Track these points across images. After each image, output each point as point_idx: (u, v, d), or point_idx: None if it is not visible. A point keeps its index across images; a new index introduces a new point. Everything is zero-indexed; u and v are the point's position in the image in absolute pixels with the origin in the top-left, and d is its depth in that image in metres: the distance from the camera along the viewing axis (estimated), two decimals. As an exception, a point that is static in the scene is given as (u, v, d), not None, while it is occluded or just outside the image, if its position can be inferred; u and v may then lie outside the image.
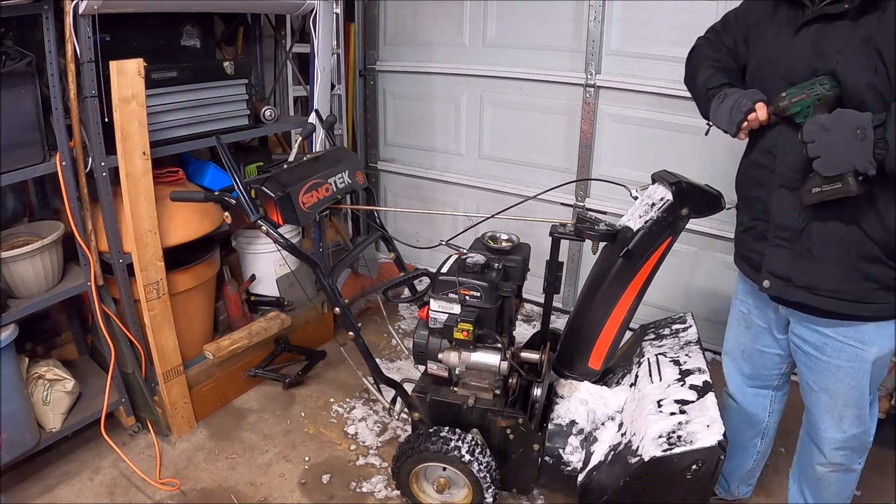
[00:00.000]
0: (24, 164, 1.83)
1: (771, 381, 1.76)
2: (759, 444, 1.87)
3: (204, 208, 2.29)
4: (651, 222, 1.67)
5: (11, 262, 1.88)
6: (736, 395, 1.83)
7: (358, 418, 2.44)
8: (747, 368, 1.77)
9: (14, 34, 1.94)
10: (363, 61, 3.45)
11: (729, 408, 1.85)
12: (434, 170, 3.44)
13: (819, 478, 1.68)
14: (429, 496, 1.96)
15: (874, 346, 1.43)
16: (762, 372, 1.75)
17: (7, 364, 1.87)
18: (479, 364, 1.79)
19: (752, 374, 1.77)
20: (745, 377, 1.79)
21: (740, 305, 1.74)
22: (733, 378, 1.83)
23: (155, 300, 2.14)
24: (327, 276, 1.83)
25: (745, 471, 1.93)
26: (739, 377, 1.81)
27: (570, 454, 1.81)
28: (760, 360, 1.73)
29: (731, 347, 1.81)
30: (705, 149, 2.62)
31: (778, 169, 1.40)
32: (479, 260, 1.81)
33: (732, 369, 1.82)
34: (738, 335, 1.77)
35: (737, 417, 1.84)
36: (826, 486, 1.69)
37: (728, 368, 1.84)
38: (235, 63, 2.35)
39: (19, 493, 2.05)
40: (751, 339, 1.72)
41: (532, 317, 3.26)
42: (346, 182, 1.97)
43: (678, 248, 2.08)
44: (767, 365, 1.73)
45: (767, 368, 1.74)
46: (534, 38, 2.89)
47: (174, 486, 2.08)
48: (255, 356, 2.61)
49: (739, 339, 1.76)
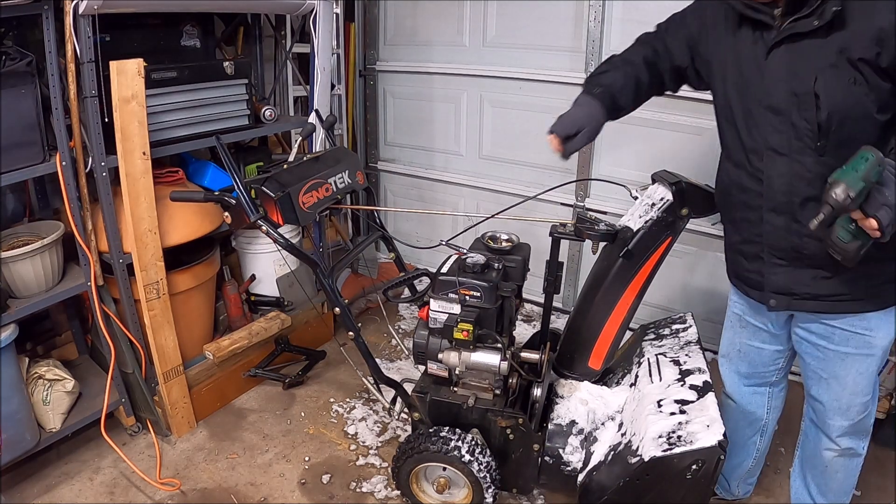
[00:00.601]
0: (24, 164, 1.83)
1: (768, 378, 1.77)
2: (759, 441, 1.87)
3: (204, 208, 2.29)
4: (651, 222, 1.68)
5: (11, 262, 1.88)
6: (734, 394, 1.83)
7: (358, 418, 2.44)
8: (744, 367, 1.77)
9: (14, 34, 1.94)
10: (363, 61, 3.45)
11: (727, 408, 1.85)
12: (434, 170, 3.44)
13: (826, 465, 1.68)
14: (429, 496, 1.96)
15: (881, 331, 1.45)
16: (759, 369, 1.75)
17: (7, 364, 1.87)
18: (479, 364, 1.79)
19: (749, 372, 1.77)
20: (741, 376, 1.79)
21: (734, 307, 1.74)
22: (730, 378, 1.83)
23: (155, 300, 2.14)
24: (327, 276, 1.83)
25: (746, 469, 1.93)
26: (736, 377, 1.81)
27: (570, 454, 1.80)
28: (758, 357, 1.73)
29: (727, 348, 1.81)
30: (705, 149, 2.62)
31: (767, 194, 1.38)
32: (479, 260, 1.81)
33: (729, 369, 1.82)
34: (734, 336, 1.76)
35: (735, 416, 1.84)
36: (833, 474, 1.69)
37: (724, 368, 1.84)
38: (235, 63, 2.35)
39: (19, 493, 2.05)
40: (746, 337, 1.72)
41: (532, 317, 3.26)
42: (346, 182, 1.97)
43: (678, 248, 2.08)
44: (765, 361, 1.73)
45: (765, 365, 1.74)
46: (534, 38, 2.89)
47: (174, 486, 2.08)
48: (255, 356, 2.61)
49: (735, 339, 1.76)
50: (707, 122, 2.58)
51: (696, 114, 2.59)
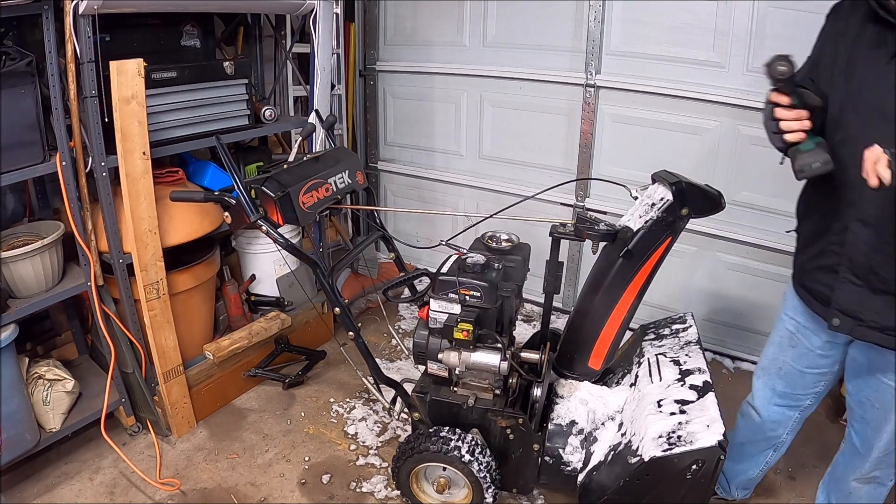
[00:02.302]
0: (24, 164, 1.83)
1: (802, 402, 1.70)
2: (770, 455, 1.84)
3: (204, 208, 2.29)
4: (651, 222, 1.67)
5: (11, 262, 1.87)
6: (761, 409, 1.77)
7: (358, 418, 2.44)
8: (781, 386, 1.70)
9: (14, 34, 1.95)
10: (363, 61, 3.45)
11: (748, 417, 1.80)
12: (434, 170, 3.44)
13: (851, 491, 1.66)
14: (429, 496, 1.96)
15: None
16: (797, 391, 1.68)
17: (7, 364, 1.87)
18: (479, 364, 1.79)
19: (784, 392, 1.70)
20: (775, 394, 1.72)
21: (787, 323, 1.63)
22: (762, 393, 1.76)
23: (155, 300, 2.14)
24: (327, 276, 1.83)
25: (749, 478, 1.91)
26: (770, 393, 1.73)
27: (570, 454, 1.80)
28: (799, 379, 1.65)
29: (768, 364, 1.73)
30: (705, 149, 2.63)
31: (857, 202, 1.30)
32: (479, 260, 1.81)
33: (764, 384, 1.75)
34: (778, 353, 1.68)
35: (754, 429, 1.79)
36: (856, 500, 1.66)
37: (760, 382, 1.77)
38: (235, 63, 2.35)
39: (19, 493, 2.05)
40: (792, 358, 1.64)
41: (532, 317, 3.26)
42: (346, 182, 1.98)
43: (678, 248, 2.08)
44: (805, 384, 1.66)
45: (804, 388, 1.66)
46: (534, 38, 2.89)
47: (174, 486, 2.08)
48: (255, 356, 2.61)
49: (779, 357, 1.68)
50: (707, 122, 2.59)
51: (696, 114, 2.59)
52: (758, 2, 2.34)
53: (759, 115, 2.41)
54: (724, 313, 2.82)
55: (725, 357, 2.88)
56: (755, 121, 2.47)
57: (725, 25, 2.43)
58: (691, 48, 2.53)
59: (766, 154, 2.48)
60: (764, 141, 2.50)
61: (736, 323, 2.81)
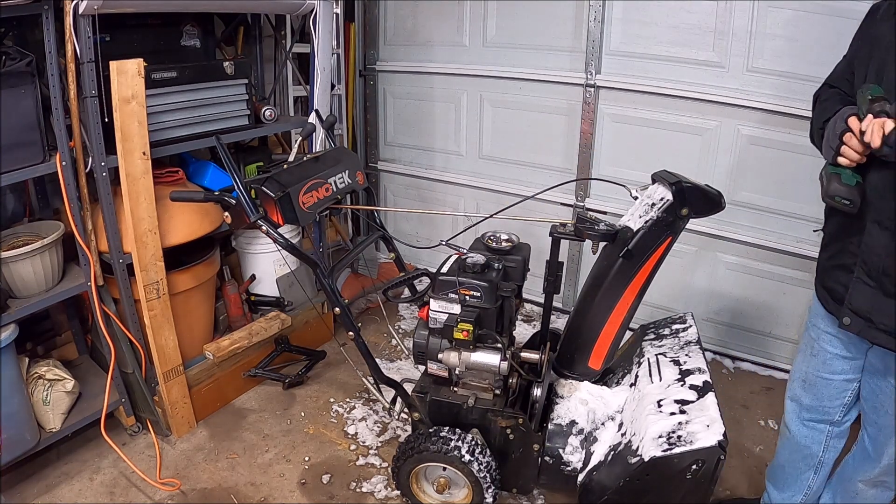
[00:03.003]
0: (24, 164, 1.83)
1: (831, 415, 1.65)
2: (812, 478, 1.77)
3: (204, 208, 2.29)
4: (651, 222, 1.67)
5: (11, 262, 1.87)
6: (790, 424, 1.74)
7: (358, 418, 2.44)
8: (807, 399, 1.67)
9: (14, 34, 1.94)
10: (363, 61, 3.45)
11: (783, 436, 1.79)
12: (434, 170, 3.44)
13: (857, 492, 1.64)
14: (429, 496, 1.96)
15: None
16: (824, 403, 1.64)
17: (7, 364, 1.87)
18: (479, 364, 1.79)
19: (811, 405, 1.67)
20: (802, 408, 1.70)
21: (811, 330, 1.62)
22: (790, 407, 1.74)
23: (155, 300, 2.14)
24: (327, 276, 1.83)
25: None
26: (797, 407, 1.71)
27: (570, 454, 1.80)
28: (825, 388, 1.62)
29: (794, 376, 1.71)
30: (705, 149, 2.63)
31: (875, 203, 1.30)
32: (479, 260, 1.81)
33: (791, 399, 1.73)
34: (802, 363, 1.66)
35: (790, 448, 1.77)
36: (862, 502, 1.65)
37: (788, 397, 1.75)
38: (235, 63, 2.35)
39: (19, 493, 2.05)
40: (816, 366, 1.61)
41: (532, 317, 3.26)
42: (346, 182, 1.98)
43: (678, 248, 2.08)
44: (831, 394, 1.62)
45: (830, 399, 1.62)
46: (534, 38, 2.89)
47: (174, 486, 2.08)
48: (255, 356, 2.61)
49: (802, 367, 1.66)
50: (707, 122, 2.59)
51: (696, 114, 2.59)
52: (758, 2, 2.34)
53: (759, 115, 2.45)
54: (724, 313, 2.82)
55: (725, 357, 2.87)
56: (755, 121, 2.48)
57: (725, 25, 2.43)
58: (691, 48, 2.53)
59: (766, 154, 2.50)
60: (764, 141, 2.52)
61: (736, 323, 2.81)
